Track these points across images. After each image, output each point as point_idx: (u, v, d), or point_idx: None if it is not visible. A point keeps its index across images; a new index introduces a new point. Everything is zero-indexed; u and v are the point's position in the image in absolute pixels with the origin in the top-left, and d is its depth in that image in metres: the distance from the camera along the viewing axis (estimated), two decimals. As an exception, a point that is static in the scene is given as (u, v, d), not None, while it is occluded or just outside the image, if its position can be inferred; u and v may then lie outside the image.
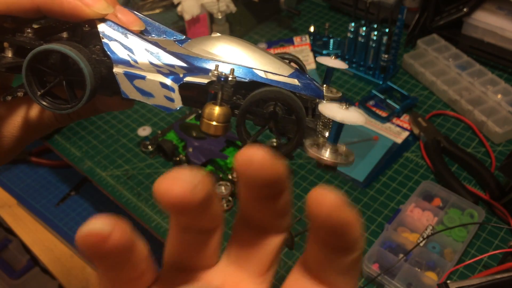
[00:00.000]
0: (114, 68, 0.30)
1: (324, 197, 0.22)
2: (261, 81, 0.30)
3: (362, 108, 0.93)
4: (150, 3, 1.28)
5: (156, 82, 0.30)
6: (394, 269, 0.66)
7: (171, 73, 0.30)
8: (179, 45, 0.32)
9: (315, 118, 0.32)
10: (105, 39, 0.30)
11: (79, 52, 0.28)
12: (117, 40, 0.30)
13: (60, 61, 0.29)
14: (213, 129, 0.30)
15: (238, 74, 0.30)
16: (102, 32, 0.30)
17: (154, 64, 0.30)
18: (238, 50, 0.31)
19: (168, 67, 0.30)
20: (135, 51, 0.30)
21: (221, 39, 0.31)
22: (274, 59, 0.32)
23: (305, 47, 1.06)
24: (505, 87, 0.90)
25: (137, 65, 0.30)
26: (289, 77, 0.31)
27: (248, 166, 0.20)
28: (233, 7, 1.04)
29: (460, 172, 0.82)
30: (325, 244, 0.22)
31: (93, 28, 0.30)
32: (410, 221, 0.72)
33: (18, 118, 0.34)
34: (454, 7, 1.01)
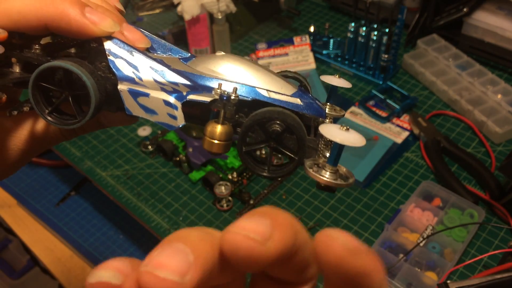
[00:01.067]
0: (119, 85, 0.30)
1: (333, 240, 0.18)
2: (264, 100, 0.31)
3: (362, 108, 0.93)
4: (150, 3, 1.28)
5: (159, 99, 0.30)
6: (394, 269, 0.66)
7: (174, 91, 0.31)
8: (184, 63, 0.33)
9: (317, 138, 0.32)
10: (111, 56, 0.30)
11: (83, 68, 0.29)
12: (123, 57, 0.30)
13: (65, 77, 0.30)
14: (216, 147, 0.30)
15: (241, 92, 0.30)
16: (108, 49, 0.30)
17: (158, 81, 0.31)
18: (241, 68, 0.31)
19: (172, 85, 0.31)
20: (140, 68, 0.31)
21: (225, 58, 0.32)
22: (277, 78, 0.32)
23: (305, 47, 1.06)
24: (505, 87, 0.90)
25: (141, 83, 0.31)
26: (292, 96, 0.31)
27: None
28: (233, 7, 1.04)
29: (460, 172, 0.82)
30: None
31: (99, 45, 0.31)
32: (410, 221, 0.72)
33: (24, 131, 0.34)
34: (454, 7, 1.01)
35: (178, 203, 0.81)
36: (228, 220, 0.77)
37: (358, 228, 0.75)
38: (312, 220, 0.76)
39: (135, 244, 1.05)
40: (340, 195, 0.79)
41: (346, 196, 0.79)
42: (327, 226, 0.75)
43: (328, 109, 0.34)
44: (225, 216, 0.78)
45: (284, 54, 1.06)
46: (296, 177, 0.83)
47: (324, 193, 0.80)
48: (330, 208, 0.78)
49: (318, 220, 0.76)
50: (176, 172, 0.85)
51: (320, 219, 0.76)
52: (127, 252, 1.03)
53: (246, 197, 0.79)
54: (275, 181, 0.82)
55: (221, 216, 0.78)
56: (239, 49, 1.12)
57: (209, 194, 0.81)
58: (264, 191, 0.80)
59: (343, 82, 0.35)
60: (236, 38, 1.14)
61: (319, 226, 0.75)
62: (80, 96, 0.30)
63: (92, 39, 0.30)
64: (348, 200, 0.79)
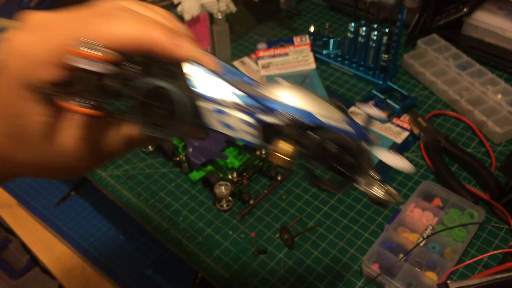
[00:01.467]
0: (198, 102, 0.36)
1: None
2: (323, 126, 0.37)
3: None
4: (150, 3, 1.28)
5: (236, 118, 0.36)
6: (394, 269, 0.66)
7: (248, 112, 0.36)
8: (252, 87, 0.38)
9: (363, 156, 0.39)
10: (191, 76, 0.35)
11: (178, 88, 0.34)
12: (201, 77, 0.35)
13: (162, 94, 0.34)
14: (283, 162, 0.37)
15: (304, 117, 0.36)
16: (188, 69, 0.35)
17: (235, 102, 0.36)
18: (304, 97, 0.37)
19: (247, 106, 0.36)
20: (216, 89, 0.36)
21: (289, 87, 0.38)
22: (332, 106, 0.38)
23: (305, 47, 1.06)
24: (505, 87, 0.90)
25: (218, 101, 0.36)
26: (344, 122, 0.37)
27: None
28: (233, 7, 1.04)
29: (460, 172, 0.82)
30: None
31: (179, 66, 0.35)
32: (410, 221, 0.72)
33: (122, 134, 0.37)
34: (454, 7, 1.01)
35: (178, 203, 0.81)
36: (228, 220, 0.77)
37: (358, 228, 0.75)
38: (312, 220, 0.76)
39: (135, 244, 1.05)
40: (340, 195, 0.80)
41: (346, 196, 0.79)
42: (327, 226, 0.75)
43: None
44: (225, 216, 0.78)
45: (284, 54, 1.06)
46: (296, 177, 0.83)
47: (324, 193, 0.80)
48: (330, 208, 0.78)
49: (318, 220, 0.76)
50: (176, 172, 0.85)
51: (320, 219, 0.76)
52: (127, 252, 1.03)
53: (246, 197, 0.79)
54: (275, 181, 0.82)
55: (221, 216, 0.78)
56: (239, 49, 1.12)
57: (209, 194, 0.81)
58: (264, 191, 0.80)
59: (380, 114, 0.41)
60: (236, 38, 1.14)
61: (319, 226, 0.75)
62: (172, 110, 0.35)
63: (175, 60, 0.34)
64: (348, 200, 0.79)
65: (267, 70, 1.04)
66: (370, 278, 0.67)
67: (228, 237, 0.75)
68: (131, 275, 0.97)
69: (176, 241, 0.75)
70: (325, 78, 1.02)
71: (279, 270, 0.71)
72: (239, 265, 0.72)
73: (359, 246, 0.73)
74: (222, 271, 0.71)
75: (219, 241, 0.75)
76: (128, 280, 0.96)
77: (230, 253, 0.73)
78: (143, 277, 0.96)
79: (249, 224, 0.77)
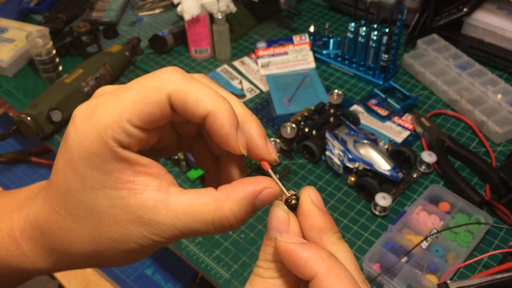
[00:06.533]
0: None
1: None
2: (379, 172, 0.77)
3: (363, 106, 0.93)
4: (150, 3, 1.28)
5: (337, 160, 0.79)
6: (395, 270, 0.66)
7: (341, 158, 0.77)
8: (354, 145, 0.78)
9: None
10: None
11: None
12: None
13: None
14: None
15: (371, 167, 0.77)
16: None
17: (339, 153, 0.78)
18: (374, 153, 0.78)
19: (343, 156, 0.77)
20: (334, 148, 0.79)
21: (366, 146, 0.78)
22: (388, 158, 0.78)
23: (304, 46, 1.06)
24: (505, 87, 0.90)
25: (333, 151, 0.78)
26: (392, 168, 0.77)
27: None
28: (233, 7, 1.04)
29: (461, 171, 0.82)
30: None
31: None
32: (416, 223, 0.72)
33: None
34: (454, 7, 1.01)
35: (178, 203, 0.80)
36: (228, 220, 0.77)
37: (358, 228, 0.75)
38: (312, 220, 0.76)
39: (135, 244, 1.05)
40: (340, 195, 0.79)
41: (346, 196, 0.79)
42: (327, 226, 0.75)
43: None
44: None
45: (284, 53, 1.06)
46: (296, 177, 0.83)
47: (323, 192, 0.80)
48: (330, 208, 0.78)
49: (318, 220, 0.76)
50: (175, 171, 0.85)
51: (320, 219, 0.76)
52: (127, 252, 1.03)
53: (246, 197, 0.79)
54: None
55: (221, 216, 0.78)
56: (239, 49, 1.12)
57: (209, 194, 0.81)
58: (264, 191, 0.80)
59: None
60: (236, 38, 1.14)
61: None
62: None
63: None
64: (348, 200, 0.79)
65: (266, 69, 1.04)
66: (370, 277, 0.67)
67: (228, 237, 0.75)
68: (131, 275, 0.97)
69: (176, 241, 0.75)
70: (325, 78, 1.02)
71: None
72: (239, 265, 0.72)
73: (359, 246, 0.73)
74: (222, 271, 0.71)
75: (219, 241, 0.75)
76: (128, 280, 0.96)
77: (230, 253, 0.73)
78: (143, 277, 0.96)
79: (249, 224, 0.77)
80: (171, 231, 0.30)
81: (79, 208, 0.31)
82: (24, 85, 1.07)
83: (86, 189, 0.30)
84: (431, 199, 0.76)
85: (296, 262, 0.28)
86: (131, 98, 0.29)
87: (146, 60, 1.11)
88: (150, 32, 1.19)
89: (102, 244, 0.31)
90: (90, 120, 0.30)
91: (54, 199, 0.32)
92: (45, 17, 1.21)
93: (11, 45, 1.10)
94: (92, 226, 0.31)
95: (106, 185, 0.30)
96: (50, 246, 0.33)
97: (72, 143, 0.30)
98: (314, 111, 0.90)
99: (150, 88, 0.30)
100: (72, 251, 0.32)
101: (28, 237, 0.34)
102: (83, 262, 0.33)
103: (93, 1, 1.28)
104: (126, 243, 0.31)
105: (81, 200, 0.30)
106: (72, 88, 0.95)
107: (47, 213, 0.32)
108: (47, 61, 1.02)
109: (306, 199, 0.32)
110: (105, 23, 1.21)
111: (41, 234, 0.33)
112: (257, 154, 0.33)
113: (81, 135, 0.30)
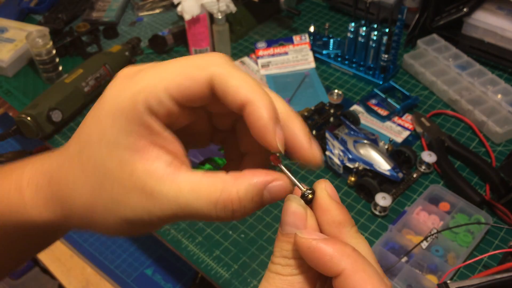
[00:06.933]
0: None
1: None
2: (378, 172, 0.77)
3: (362, 106, 0.93)
4: (150, 3, 1.28)
5: (337, 160, 0.79)
6: (395, 270, 0.66)
7: (341, 158, 0.79)
8: (354, 145, 0.79)
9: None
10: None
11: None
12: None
13: None
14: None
15: (371, 167, 0.77)
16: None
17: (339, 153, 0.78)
18: (374, 153, 0.78)
19: (343, 156, 0.78)
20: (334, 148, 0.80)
21: (367, 146, 0.79)
22: (388, 158, 0.78)
23: (304, 46, 1.06)
24: (505, 87, 0.90)
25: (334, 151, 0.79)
26: (390, 170, 0.77)
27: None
28: (233, 7, 1.04)
29: (461, 171, 0.81)
30: None
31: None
32: (416, 223, 0.72)
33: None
34: (454, 7, 1.01)
35: (178, 203, 0.80)
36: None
37: (358, 228, 0.75)
38: (312, 220, 0.76)
39: (135, 244, 1.05)
40: (340, 195, 0.79)
41: (346, 197, 0.79)
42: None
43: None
44: (225, 216, 0.78)
45: (284, 53, 1.06)
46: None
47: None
48: (330, 208, 0.78)
49: (318, 220, 0.76)
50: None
51: (320, 219, 0.76)
52: (127, 252, 1.03)
53: (246, 197, 0.79)
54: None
55: (221, 216, 0.78)
56: (239, 49, 1.12)
57: (209, 194, 0.81)
58: (264, 191, 0.80)
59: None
60: (236, 38, 1.14)
61: (319, 226, 0.75)
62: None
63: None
64: (348, 200, 0.79)
65: (266, 69, 1.04)
66: (370, 278, 0.67)
67: (228, 237, 0.75)
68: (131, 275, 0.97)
69: (176, 241, 0.75)
70: (325, 78, 1.02)
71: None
72: (239, 265, 0.72)
73: (359, 246, 0.73)
74: (222, 271, 0.71)
75: (219, 241, 0.75)
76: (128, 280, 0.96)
77: (230, 253, 0.73)
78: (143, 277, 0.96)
79: (249, 224, 0.77)
80: (170, 206, 0.29)
81: (90, 160, 0.31)
82: (24, 85, 1.07)
83: (103, 143, 0.30)
84: (431, 199, 0.76)
85: (320, 259, 0.27)
86: (174, 70, 0.29)
87: (146, 60, 1.11)
88: (150, 32, 1.19)
89: (99, 203, 0.31)
90: (130, 80, 0.30)
91: (72, 147, 0.32)
92: (45, 17, 1.21)
93: (11, 45, 1.10)
94: (96, 181, 0.30)
95: (121, 145, 0.29)
96: (51, 194, 0.33)
97: (107, 97, 0.30)
98: (314, 111, 0.90)
99: (194, 64, 0.30)
100: (70, 202, 0.32)
101: (34, 183, 0.34)
102: (77, 219, 0.33)
103: (93, 1, 1.28)
104: (122, 208, 0.30)
105: (94, 153, 0.30)
106: (72, 88, 0.95)
107: (60, 161, 0.33)
108: (47, 61, 1.02)
109: (323, 192, 0.31)
110: (105, 23, 1.21)
111: (48, 180, 0.33)
112: (300, 154, 0.32)
113: (117, 91, 0.30)
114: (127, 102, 0.29)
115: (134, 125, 0.29)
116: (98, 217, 0.31)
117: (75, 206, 0.32)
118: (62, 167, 0.33)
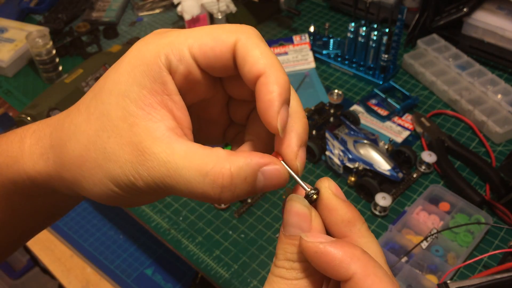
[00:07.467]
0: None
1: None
2: (379, 172, 0.77)
3: (362, 106, 0.93)
4: (150, 3, 1.28)
5: (336, 160, 0.79)
6: (395, 270, 0.66)
7: (341, 158, 0.78)
8: (354, 145, 0.78)
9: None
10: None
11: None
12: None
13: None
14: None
15: (371, 167, 0.77)
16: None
17: (339, 153, 0.78)
18: (374, 154, 0.78)
19: (343, 156, 0.78)
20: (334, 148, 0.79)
21: (367, 146, 0.79)
22: (388, 159, 0.78)
23: (304, 46, 1.06)
24: (505, 87, 0.90)
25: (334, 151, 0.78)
26: (390, 170, 0.77)
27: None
28: (233, 7, 1.04)
29: (461, 171, 0.82)
30: None
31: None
32: (416, 223, 0.72)
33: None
34: (454, 7, 1.01)
35: (178, 203, 0.81)
36: (227, 220, 0.77)
37: (358, 228, 0.75)
38: (312, 220, 0.76)
39: (135, 244, 1.05)
40: (340, 195, 0.79)
41: (346, 196, 0.79)
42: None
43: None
44: (225, 216, 0.78)
45: (284, 53, 1.06)
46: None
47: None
48: (330, 208, 0.78)
49: (318, 220, 0.76)
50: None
51: (320, 219, 0.76)
52: (127, 252, 1.03)
53: (246, 197, 0.79)
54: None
55: (221, 216, 0.78)
56: (239, 49, 1.12)
57: (209, 194, 0.81)
58: (264, 191, 0.80)
59: None
60: (236, 38, 1.14)
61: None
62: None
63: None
64: (348, 200, 0.79)
65: (267, 70, 1.04)
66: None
67: (228, 237, 0.75)
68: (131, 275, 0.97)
69: (176, 241, 0.75)
70: (325, 78, 1.02)
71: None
72: (239, 265, 0.72)
73: (359, 246, 0.73)
74: (222, 271, 0.71)
75: (219, 241, 0.75)
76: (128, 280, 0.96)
77: (230, 253, 0.73)
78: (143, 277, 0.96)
79: (249, 224, 0.77)
80: (159, 169, 0.28)
81: (96, 108, 0.31)
82: (24, 85, 1.07)
83: (114, 92, 0.30)
84: (431, 199, 0.76)
85: (329, 263, 0.25)
86: (203, 31, 0.30)
87: (146, 60, 1.11)
88: (150, 32, 1.19)
89: (91, 154, 0.30)
90: (159, 36, 0.31)
91: (86, 95, 0.33)
92: (45, 17, 1.21)
93: (11, 45, 1.10)
94: (96, 129, 0.30)
95: (130, 97, 0.29)
96: (50, 142, 0.33)
97: (133, 48, 0.31)
98: (314, 111, 0.90)
99: (223, 28, 0.30)
100: (64, 151, 0.32)
101: (37, 134, 0.35)
102: (66, 172, 0.32)
103: (93, 1, 1.28)
104: (112, 164, 0.30)
105: (103, 101, 0.30)
106: (72, 88, 0.95)
107: (71, 109, 0.33)
108: (47, 61, 1.02)
109: (328, 191, 0.30)
110: (105, 23, 1.21)
111: (51, 131, 0.34)
112: (283, 157, 0.31)
113: (144, 43, 0.31)
114: (149, 54, 0.30)
115: (149, 79, 0.29)
116: (87, 172, 0.31)
117: (68, 156, 0.32)
118: (70, 114, 0.33)
